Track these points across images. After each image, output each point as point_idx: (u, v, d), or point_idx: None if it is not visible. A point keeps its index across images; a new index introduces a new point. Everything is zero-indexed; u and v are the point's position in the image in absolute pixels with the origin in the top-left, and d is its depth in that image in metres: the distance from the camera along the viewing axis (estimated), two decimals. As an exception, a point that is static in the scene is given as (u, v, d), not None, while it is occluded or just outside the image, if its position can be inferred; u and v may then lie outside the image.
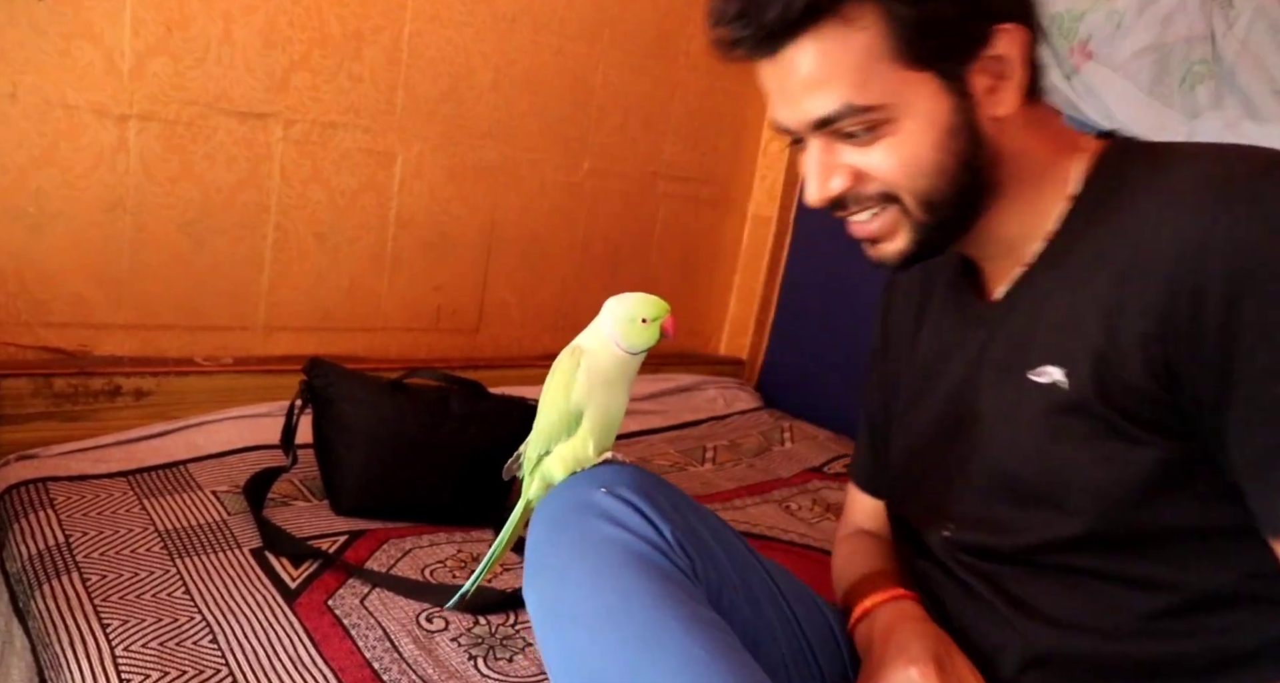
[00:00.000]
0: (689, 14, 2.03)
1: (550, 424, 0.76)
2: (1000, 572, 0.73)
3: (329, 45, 1.57)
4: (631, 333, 0.75)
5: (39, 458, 1.33)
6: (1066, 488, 0.67)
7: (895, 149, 0.67)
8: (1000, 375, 0.72)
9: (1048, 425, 0.67)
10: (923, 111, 0.66)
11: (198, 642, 0.96)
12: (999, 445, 0.72)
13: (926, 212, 0.69)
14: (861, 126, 0.66)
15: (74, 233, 1.42)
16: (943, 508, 0.78)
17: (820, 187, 0.71)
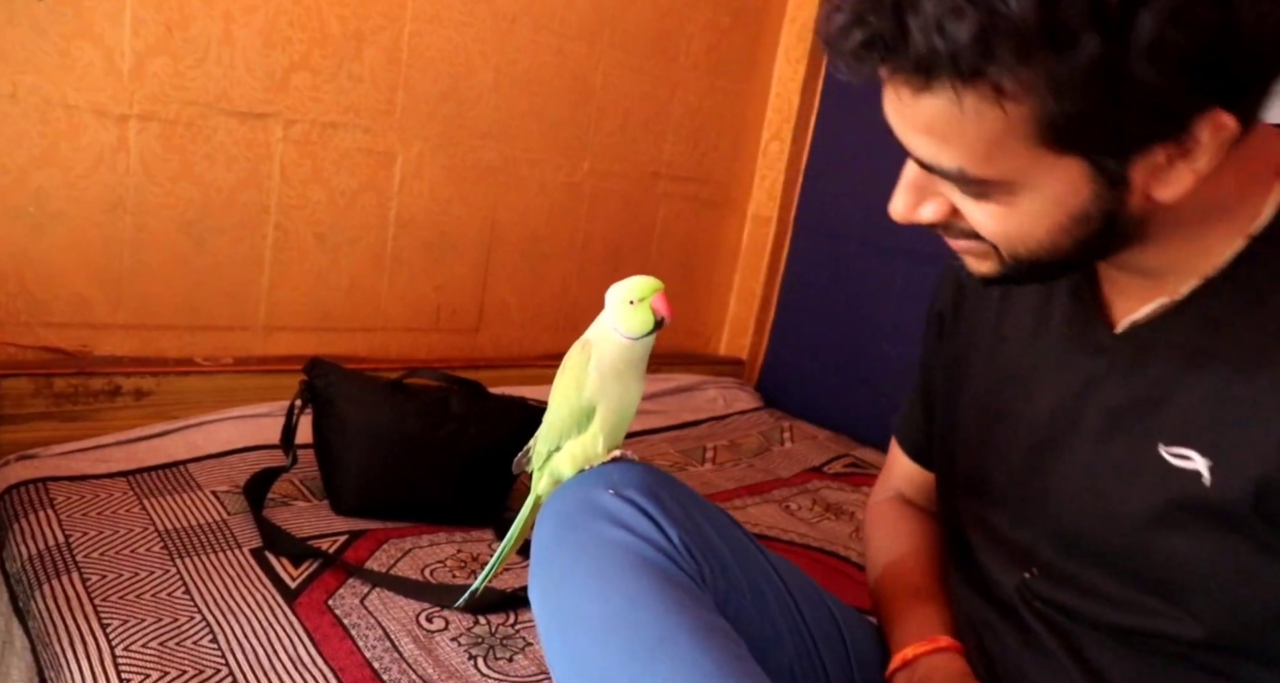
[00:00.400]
0: (689, 14, 2.03)
1: (561, 420, 0.75)
2: (1082, 635, 0.66)
3: (329, 45, 1.57)
4: (624, 317, 0.72)
5: (39, 458, 1.33)
6: (1186, 589, 0.59)
7: (1003, 219, 0.56)
8: (1114, 427, 0.63)
9: (1173, 516, 0.58)
10: (1050, 195, 0.54)
11: (198, 642, 0.96)
12: (1105, 512, 0.63)
13: (1026, 267, 0.59)
14: (972, 190, 0.56)
15: (74, 233, 1.42)
16: (1025, 550, 0.70)
17: (908, 208, 0.60)
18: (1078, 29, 0.45)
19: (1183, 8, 0.44)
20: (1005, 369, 0.73)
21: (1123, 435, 0.62)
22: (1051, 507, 0.67)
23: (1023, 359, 0.72)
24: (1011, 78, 0.48)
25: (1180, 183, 0.52)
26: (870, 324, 2.07)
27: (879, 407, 1.99)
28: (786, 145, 2.22)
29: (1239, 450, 0.55)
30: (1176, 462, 0.58)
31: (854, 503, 1.65)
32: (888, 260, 2.02)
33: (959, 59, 0.47)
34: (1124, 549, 0.62)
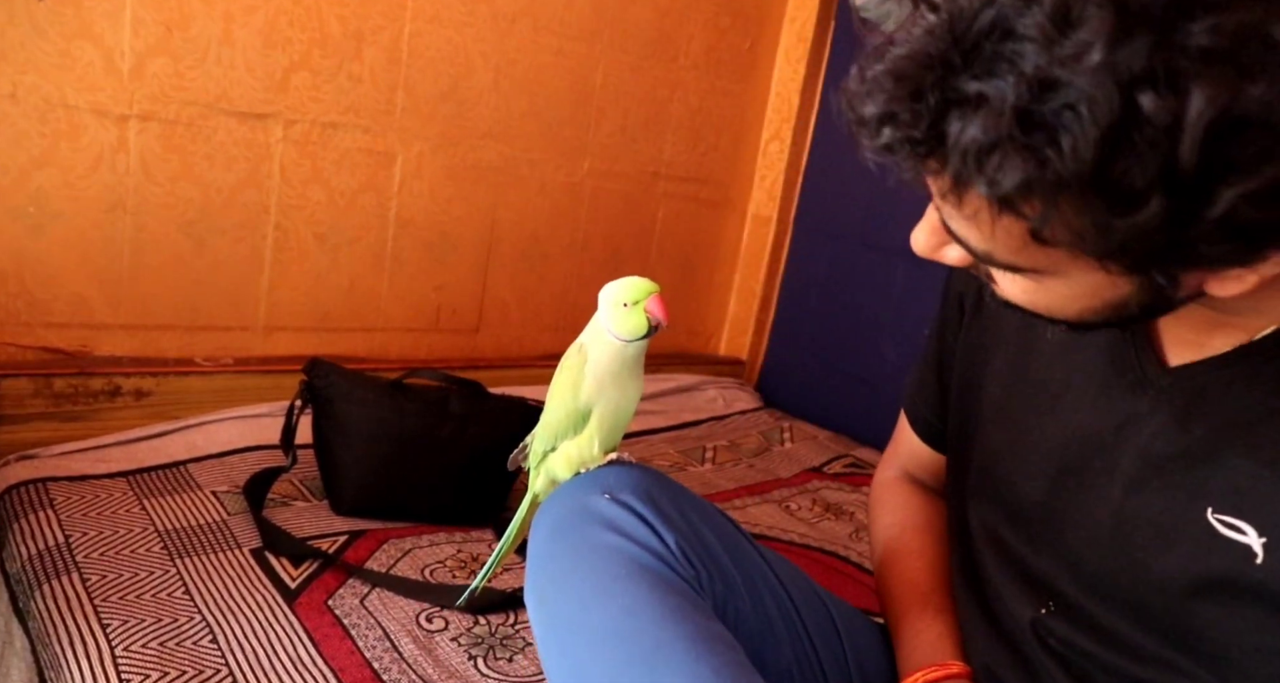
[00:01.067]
0: (689, 14, 2.03)
1: (557, 421, 0.74)
2: (1097, 678, 0.62)
3: (329, 45, 1.57)
4: (618, 320, 0.71)
5: (39, 458, 1.33)
6: (1221, 658, 0.55)
7: (1032, 293, 0.51)
8: (1156, 477, 0.57)
9: (1215, 588, 0.54)
10: (1088, 286, 0.48)
11: (197, 642, 0.96)
12: (1133, 564, 0.58)
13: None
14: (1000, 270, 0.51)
15: (74, 233, 1.42)
16: (1043, 582, 0.66)
17: (930, 249, 0.54)
18: (1144, 191, 0.39)
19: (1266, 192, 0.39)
20: (1034, 374, 0.68)
21: (1165, 489, 0.56)
22: (1073, 543, 0.63)
23: (1054, 371, 0.66)
24: (1058, 222, 0.42)
25: (1242, 283, 0.46)
26: (870, 324, 2.07)
27: (879, 407, 1.99)
28: (786, 145, 2.22)
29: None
30: (1227, 532, 0.52)
31: (854, 503, 1.65)
32: (888, 260, 2.02)
33: (997, 192, 0.41)
34: (1154, 606, 0.57)
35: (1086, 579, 0.62)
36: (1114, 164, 0.38)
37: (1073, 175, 0.39)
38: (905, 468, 0.93)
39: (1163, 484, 0.57)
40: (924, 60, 0.42)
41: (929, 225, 0.54)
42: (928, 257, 0.55)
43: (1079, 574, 0.63)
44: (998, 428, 0.71)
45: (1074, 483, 0.63)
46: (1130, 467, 0.59)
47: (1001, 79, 0.39)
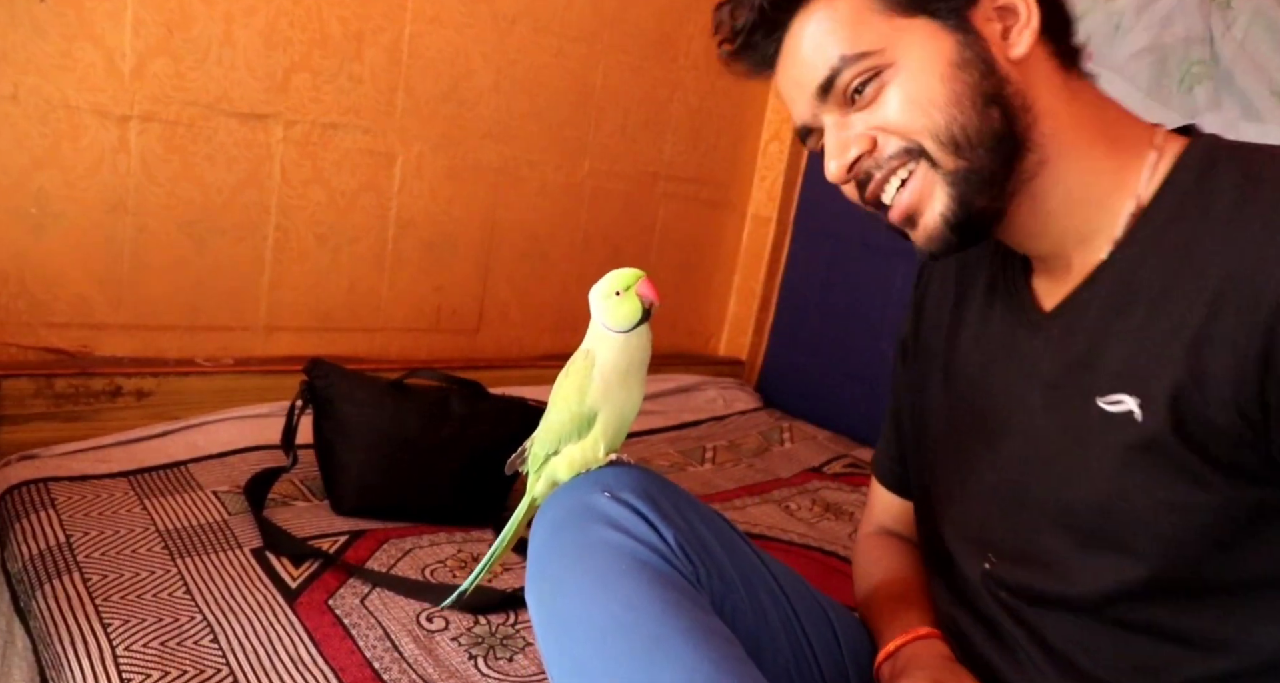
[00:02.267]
0: (689, 14, 2.04)
1: (561, 424, 0.74)
2: (1043, 619, 0.68)
3: (329, 46, 1.57)
4: (611, 311, 0.71)
5: (40, 458, 1.34)
6: (1134, 530, 0.62)
7: (900, 89, 0.64)
8: (1059, 397, 0.66)
9: (1120, 460, 0.61)
10: (921, 52, 0.64)
11: (198, 641, 0.97)
12: (1059, 476, 0.66)
13: (954, 152, 0.64)
14: (862, 78, 0.65)
15: (75, 233, 1.43)
16: (985, 537, 0.73)
17: (838, 158, 0.68)
18: None
19: None
20: (962, 371, 0.78)
21: (1064, 402, 0.65)
22: (1008, 488, 0.70)
23: (975, 359, 0.76)
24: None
25: (1024, 41, 0.64)
26: (870, 324, 2.07)
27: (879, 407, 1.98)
28: (786, 145, 2.22)
29: (1157, 384, 0.59)
30: (1112, 408, 0.62)
31: (853, 503, 1.66)
32: (888, 260, 2.02)
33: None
34: (1075, 508, 0.65)
35: (1020, 517, 0.69)
36: None
37: None
38: (881, 523, 0.96)
39: (1063, 399, 0.66)
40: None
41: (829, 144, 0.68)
42: (843, 169, 0.68)
43: (1014, 516, 0.70)
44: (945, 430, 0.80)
45: (1003, 436, 0.71)
46: (1039, 397, 0.68)
47: None
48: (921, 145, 0.65)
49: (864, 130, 0.66)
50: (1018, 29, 0.64)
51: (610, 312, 0.71)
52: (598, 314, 0.73)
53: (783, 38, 0.69)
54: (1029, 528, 0.69)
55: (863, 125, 0.66)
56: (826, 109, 0.68)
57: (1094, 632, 0.65)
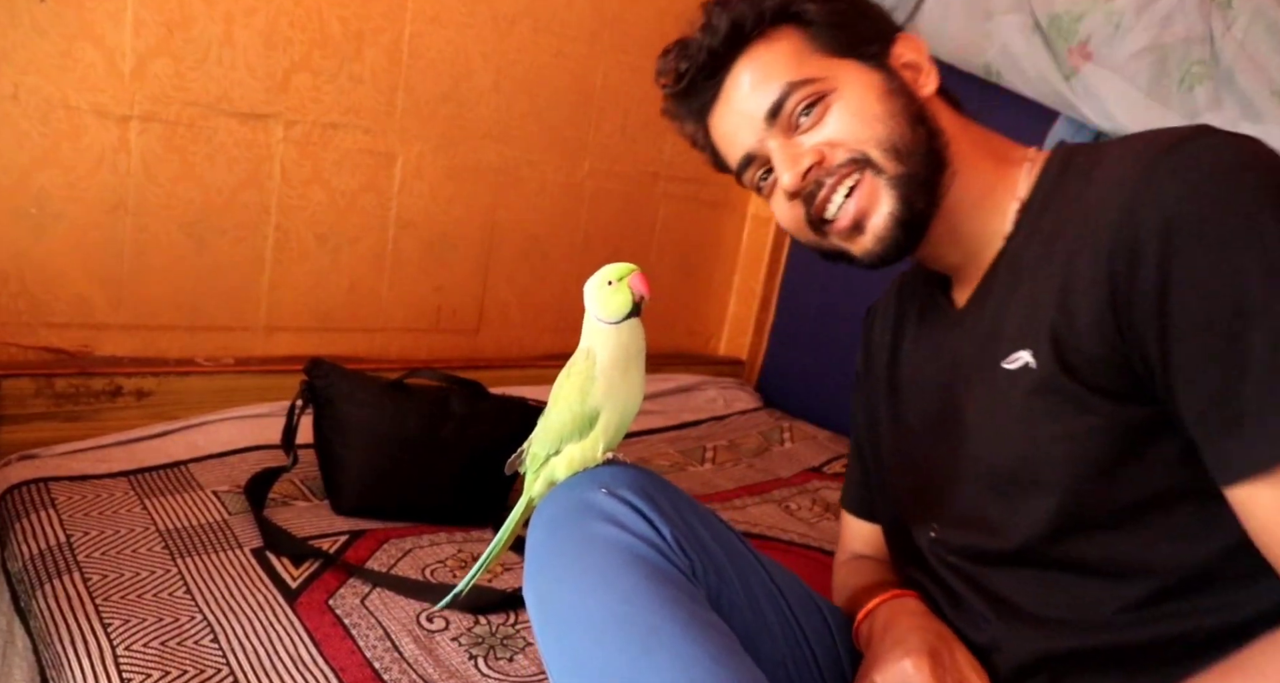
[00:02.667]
0: (689, 15, 2.03)
1: (563, 424, 0.75)
2: (984, 574, 0.74)
3: (329, 46, 1.57)
4: (603, 302, 0.72)
5: (40, 458, 1.34)
6: (1040, 468, 0.68)
7: (844, 108, 0.75)
8: (977, 373, 0.74)
9: (1024, 409, 0.69)
10: (856, 81, 0.75)
11: (199, 641, 0.97)
12: (981, 440, 0.73)
13: (896, 159, 0.73)
14: (806, 101, 0.75)
15: (76, 233, 1.43)
16: (930, 509, 0.80)
17: (792, 168, 0.76)
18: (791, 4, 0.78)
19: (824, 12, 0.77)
20: (903, 382, 0.87)
21: (981, 377, 0.74)
22: (950, 463, 0.77)
23: (912, 369, 0.86)
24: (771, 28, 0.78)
25: (930, 81, 0.78)
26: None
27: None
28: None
29: (1042, 334, 0.67)
30: (1013, 366, 0.70)
31: (853, 503, 1.66)
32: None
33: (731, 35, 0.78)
34: (998, 466, 0.72)
35: (957, 487, 0.76)
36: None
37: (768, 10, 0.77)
38: (855, 550, 0.99)
39: (979, 374, 0.74)
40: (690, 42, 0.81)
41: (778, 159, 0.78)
42: (798, 176, 0.76)
43: (950, 487, 0.77)
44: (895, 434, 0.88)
45: (936, 420, 0.80)
46: (963, 379, 0.76)
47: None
48: (867, 154, 0.74)
49: (812, 147, 0.75)
50: (923, 76, 0.78)
51: (602, 302, 0.72)
52: (590, 305, 0.73)
53: (723, 81, 0.79)
54: (963, 495, 0.75)
55: (809, 144, 0.76)
56: (773, 134, 0.77)
57: (1028, 578, 0.71)
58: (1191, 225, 0.59)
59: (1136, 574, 0.65)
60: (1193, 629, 0.63)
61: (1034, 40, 1.57)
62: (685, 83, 0.81)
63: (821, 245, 0.81)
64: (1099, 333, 0.63)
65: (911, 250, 0.77)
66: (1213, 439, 0.59)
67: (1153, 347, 0.61)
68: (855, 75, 0.75)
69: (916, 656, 0.71)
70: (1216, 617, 0.63)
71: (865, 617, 0.81)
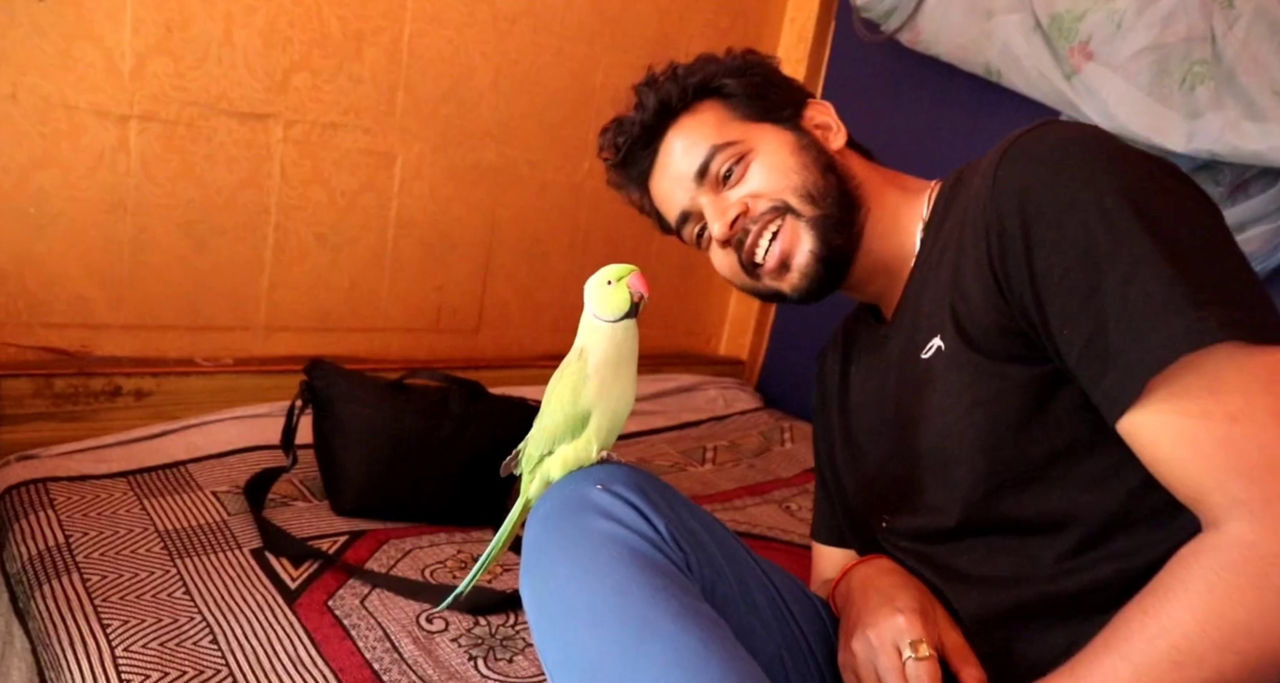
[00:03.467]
0: (689, 14, 2.03)
1: (555, 425, 0.76)
2: (934, 552, 0.79)
3: (329, 46, 1.57)
4: (602, 300, 0.73)
5: (39, 458, 1.33)
6: (962, 439, 0.73)
7: (762, 164, 0.86)
8: (902, 371, 0.82)
9: (941, 388, 0.75)
10: (772, 140, 0.87)
11: (198, 642, 0.96)
12: (912, 428, 0.79)
13: (811, 203, 0.84)
14: (729, 161, 0.86)
15: (75, 233, 1.42)
16: (878, 503, 0.86)
17: (720, 218, 0.87)
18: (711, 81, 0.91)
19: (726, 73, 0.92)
20: (852, 404, 0.94)
21: (907, 374, 0.80)
22: (892, 459, 0.83)
23: (857, 391, 0.93)
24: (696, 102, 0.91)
25: (838, 138, 0.89)
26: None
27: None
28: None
29: (944, 318, 0.74)
30: (928, 355, 0.77)
31: (854, 503, 1.65)
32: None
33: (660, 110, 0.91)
34: (928, 448, 0.77)
35: (899, 477, 0.81)
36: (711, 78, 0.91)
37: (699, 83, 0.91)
38: (827, 578, 1.00)
39: (907, 374, 0.80)
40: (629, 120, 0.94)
41: (709, 213, 0.89)
42: (727, 227, 0.87)
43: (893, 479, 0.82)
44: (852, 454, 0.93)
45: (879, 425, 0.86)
46: (894, 383, 0.83)
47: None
48: (786, 201, 0.84)
49: (737, 199, 0.86)
50: (832, 134, 0.89)
51: (601, 300, 0.73)
52: (589, 303, 0.74)
53: (658, 149, 0.92)
54: (904, 483, 0.80)
55: (735, 197, 0.86)
56: (703, 192, 0.88)
57: (970, 547, 0.76)
58: (1040, 193, 0.66)
59: (1066, 525, 0.69)
60: (1120, 571, 0.67)
61: (1035, 40, 1.56)
62: (624, 154, 0.94)
63: (757, 288, 0.91)
64: (988, 304, 0.70)
65: (837, 284, 0.87)
66: (1096, 382, 0.64)
67: (1031, 308, 0.66)
68: (771, 136, 0.87)
69: (909, 613, 0.74)
70: (1140, 558, 0.66)
71: (843, 578, 0.84)
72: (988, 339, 0.71)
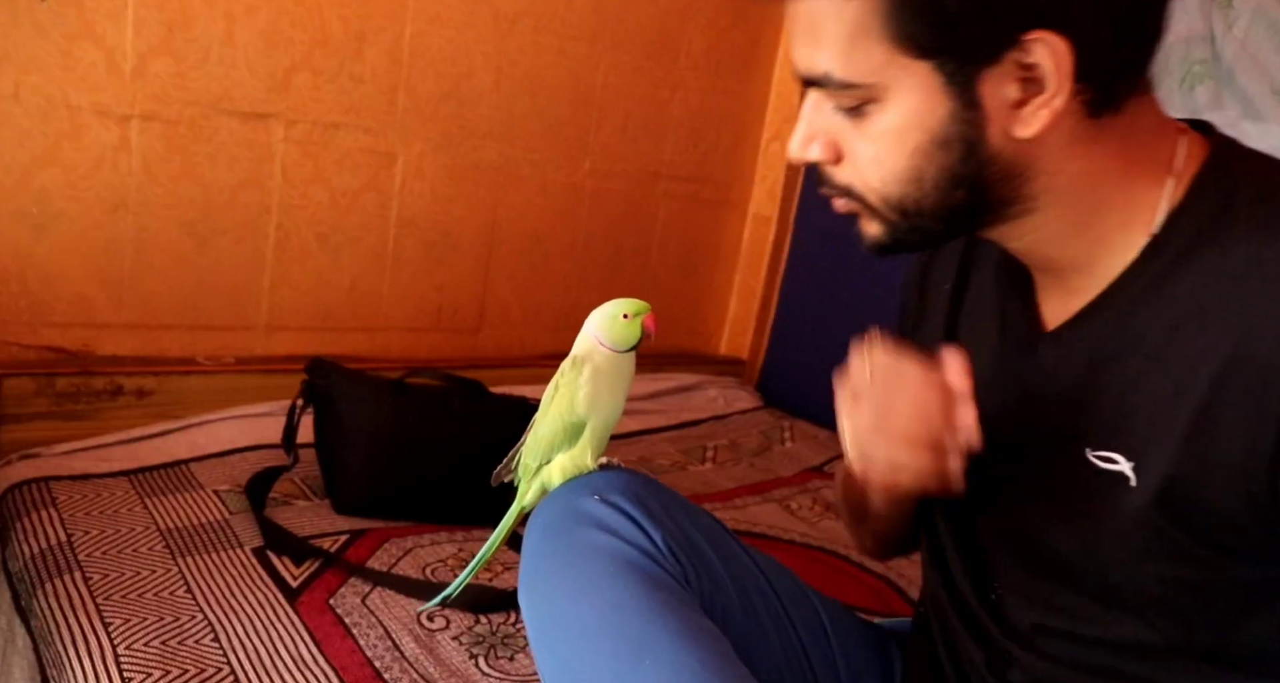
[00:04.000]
0: (689, 14, 2.04)
1: (552, 434, 0.77)
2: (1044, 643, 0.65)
3: (330, 46, 1.57)
4: (614, 330, 0.76)
5: (41, 457, 1.34)
6: (1136, 597, 0.59)
7: (871, 145, 0.58)
8: (1047, 433, 0.62)
9: (1114, 524, 0.57)
10: (910, 107, 0.56)
11: (199, 641, 0.97)
12: (1044, 523, 0.63)
13: (900, 216, 0.60)
14: (849, 102, 0.58)
15: (76, 233, 1.43)
16: (990, 565, 0.69)
17: (800, 146, 0.63)
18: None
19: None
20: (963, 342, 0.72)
21: (1059, 446, 0.61)
22: (1004, 531, 0.67)
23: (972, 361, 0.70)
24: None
25: (1038, 120, 0.54)
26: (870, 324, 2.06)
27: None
28: (787, 145, 2.22)
29: (1151, 451, 0.55)
30: (1104, 465, 0.58)
31: (854, 503, 1.66)
32: (887, 261, 2.01)
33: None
34: (1075, 563, 0.61)
35: (1015, 559, 0.66)
36: None
37: None
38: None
39: (1053, 435, 0.62)
40: None
41: (800, 122, 0.62)
42: (799, 155, 0.63)
43: (1007, 556, 0.67)
44: None
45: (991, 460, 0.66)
46: (1025, 428, 0.64)
47: None
48: (864, 197, 0.61)
49: (834, 137, 0.61)
50: (1035, 105, 0.54)
51: (611, 331, 0.77)
52: (598, 330, 0.77)
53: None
54: (1023, 569, 0.65)
55: (837, 129, 0.60)
56: (812, 87, 0.61)
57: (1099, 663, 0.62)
58: None
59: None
60: None
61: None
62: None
63: None
64: (1247, 495, 0.52)
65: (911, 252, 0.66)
66: None
67: None
68: (909, 100, 0.55)
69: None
70: None
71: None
72: (1216, 528, 0.54)
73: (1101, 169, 0.57)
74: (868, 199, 0.61)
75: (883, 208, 0.60)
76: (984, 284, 0.72)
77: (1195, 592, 0.56)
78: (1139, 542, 0.56)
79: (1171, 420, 0.54)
